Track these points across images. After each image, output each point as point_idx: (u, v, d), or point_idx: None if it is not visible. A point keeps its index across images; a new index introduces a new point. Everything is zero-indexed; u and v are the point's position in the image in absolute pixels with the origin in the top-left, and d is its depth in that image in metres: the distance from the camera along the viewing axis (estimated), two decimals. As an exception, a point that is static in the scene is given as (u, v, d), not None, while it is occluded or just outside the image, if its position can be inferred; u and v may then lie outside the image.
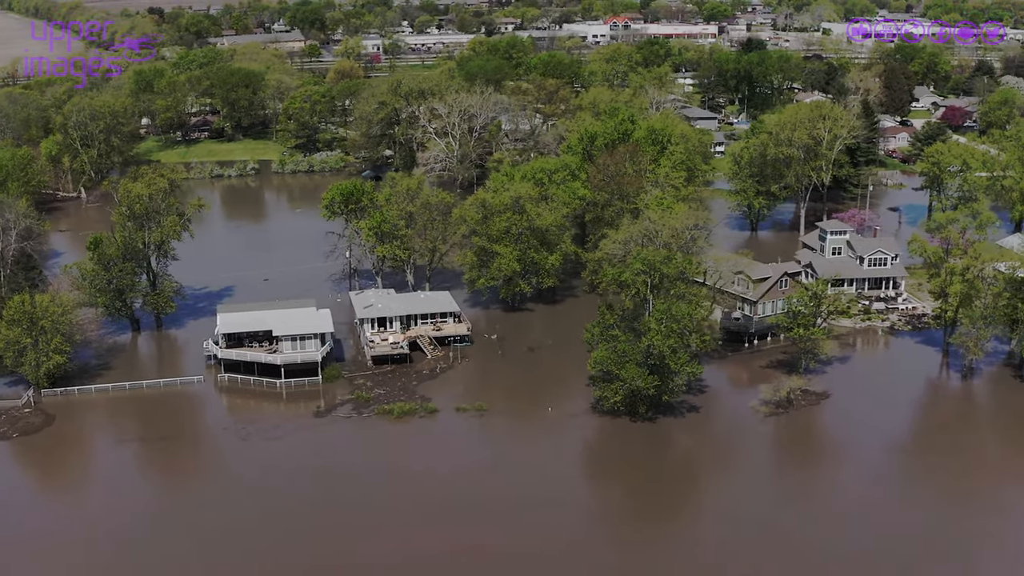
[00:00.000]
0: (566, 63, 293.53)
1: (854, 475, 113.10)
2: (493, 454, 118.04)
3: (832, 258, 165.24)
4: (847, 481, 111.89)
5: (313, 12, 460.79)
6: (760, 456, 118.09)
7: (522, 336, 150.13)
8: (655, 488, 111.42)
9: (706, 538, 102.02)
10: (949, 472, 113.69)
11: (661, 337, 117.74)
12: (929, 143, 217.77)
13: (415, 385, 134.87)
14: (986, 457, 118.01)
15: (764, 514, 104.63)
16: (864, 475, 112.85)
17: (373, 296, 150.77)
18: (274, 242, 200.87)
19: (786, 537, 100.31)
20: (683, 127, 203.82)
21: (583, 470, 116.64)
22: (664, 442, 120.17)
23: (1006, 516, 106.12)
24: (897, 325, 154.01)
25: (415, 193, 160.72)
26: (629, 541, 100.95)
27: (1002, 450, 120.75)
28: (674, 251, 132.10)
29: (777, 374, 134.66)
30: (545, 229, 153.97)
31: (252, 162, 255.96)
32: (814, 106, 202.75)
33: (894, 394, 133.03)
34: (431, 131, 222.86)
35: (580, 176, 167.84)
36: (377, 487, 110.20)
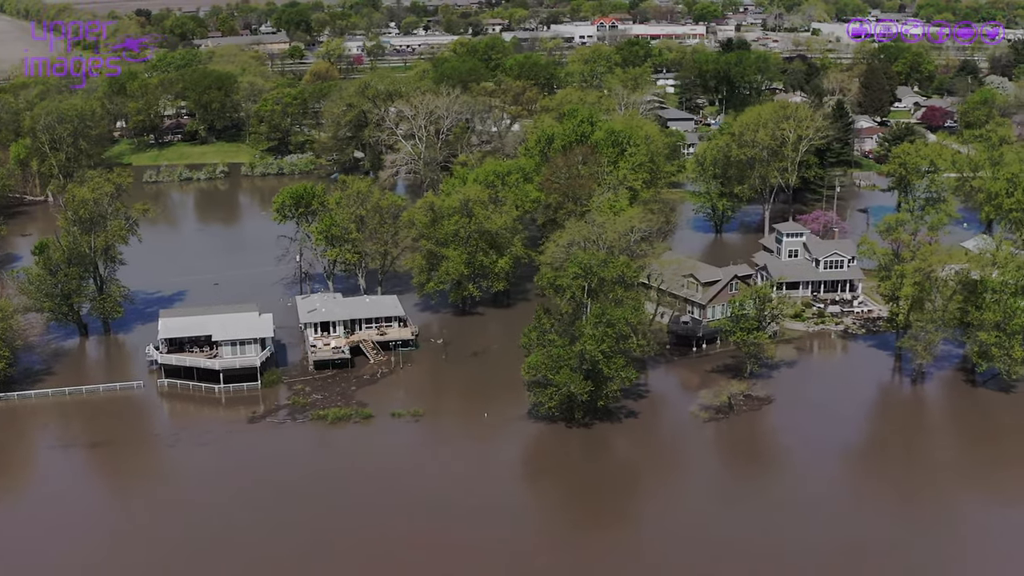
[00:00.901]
0: (541, 64, 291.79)
1: (788, 480, 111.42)
2: (423, 460, 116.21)
3: (788, 260, 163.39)
4: (780, 486, 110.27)
5: (298, 14, 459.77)
6: (695, 462, 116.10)
7: (470, 340, 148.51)
8: (585, 493, 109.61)
9: (638, 543, 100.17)
10: (884, 478, 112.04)
11: (594, 342, 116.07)
12: (897, 143, 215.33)
13: (354, 390, 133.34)
14: (925, 462, 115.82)
15: (697, 519, 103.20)
16: (798, 480, 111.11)
17: (318, 300, 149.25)
18: (233, 245, 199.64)
19: (719, 542, 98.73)
20: (649, 128, 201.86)
21: (513, 475, 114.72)
22: (599, 447, 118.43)
23: (942, 524, 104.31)
24: (851, 328, 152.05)
25: (365, 196, 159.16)
26: (558, 544, 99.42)
27: (943, 456, 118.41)
28: (615, 254, 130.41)
29: (722, 379, 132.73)
30: (495, 232, 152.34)
31: (222, 165, 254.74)
32: (777, 107, 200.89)
33: (839, 399, 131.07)
34: (397, 133, 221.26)
35: (534, 178, 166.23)
36: (300, 493, 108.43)
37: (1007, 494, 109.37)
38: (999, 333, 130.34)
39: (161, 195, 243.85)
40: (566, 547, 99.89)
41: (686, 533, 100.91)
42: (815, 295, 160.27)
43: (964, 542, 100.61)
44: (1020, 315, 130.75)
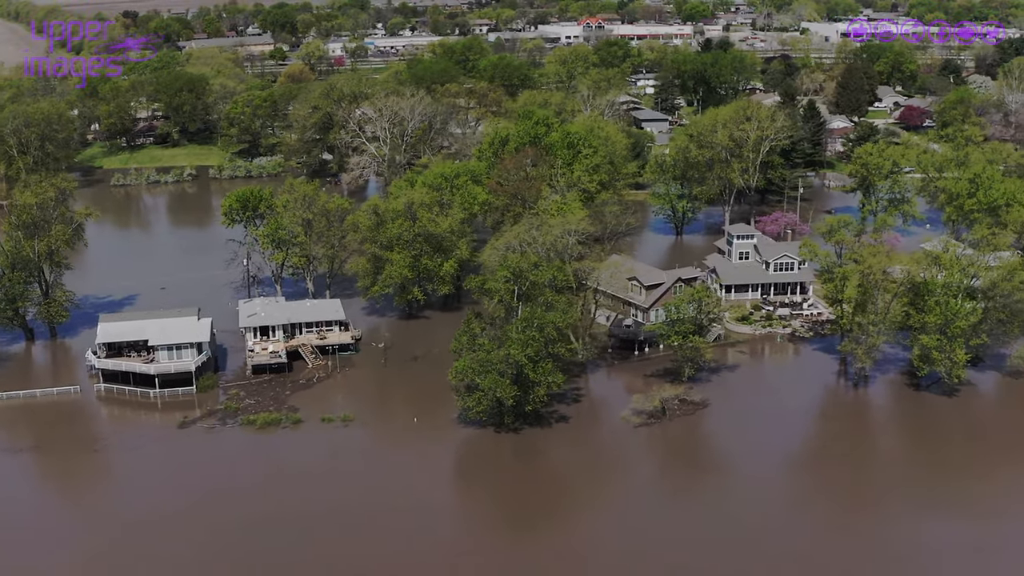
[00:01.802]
0: (515, 66, 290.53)
1: (713, 485, 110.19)
2: (346, 465, 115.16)
3: (739, 263, 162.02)
4: (707, 491, 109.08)
5: (284, 15, 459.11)
6: (621, 467, 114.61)
7: (412, 344, 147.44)
8: (507, 498, 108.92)
9: (560, 548, 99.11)
10: (814, 483, 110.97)
11: (519, 347, 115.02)
12: (861, 144, 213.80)
13: (288, 395, 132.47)
14: (860, 468, 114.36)
15: (618, 525, 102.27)
16: (724, 485, 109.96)
17: (259, 304, 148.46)
18: (189, 248, 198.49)
19: (640, 548, 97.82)
20: (610, 130, 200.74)
21: (434, 480, 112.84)
22: (525, 453, 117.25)
23: (878, 533, 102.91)
24: (799, 331, 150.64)
25: (312, 199, 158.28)
26: (477, 549, 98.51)
27: (878, 461, 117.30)
28: (551, 258, 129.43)
29: (660, 383, 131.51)
30: (440, 235, 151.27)
31: (190, 168, 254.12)
32: (736, 107, 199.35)
33: (776, 403, 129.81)
34: (362, 135, 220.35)
35: (484, 180, 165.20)
36: (218, 499, 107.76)
37: (947, 503, 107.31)
38: (940, 337, 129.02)
39: (128, 198, 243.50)
40: (486, 552, 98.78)
41: (608, 539, 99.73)
42: (765, 298, 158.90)
43: (897, 553, 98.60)
44: (962, 318, 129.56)
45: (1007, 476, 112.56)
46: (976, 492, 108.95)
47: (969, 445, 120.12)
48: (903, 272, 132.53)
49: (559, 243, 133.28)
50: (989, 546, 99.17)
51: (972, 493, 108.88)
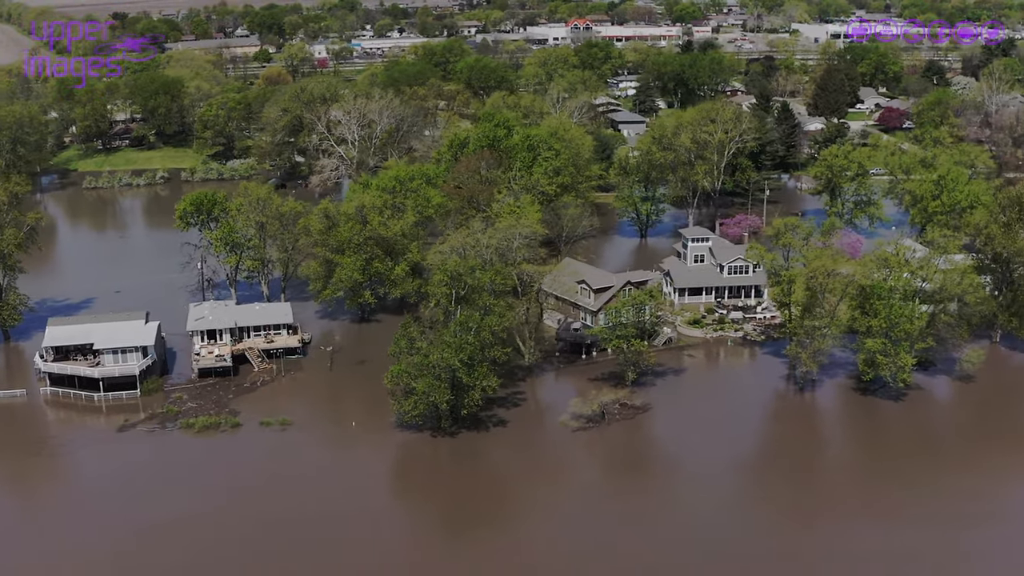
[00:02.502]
0: (492, 67, 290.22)
1: (647, 490, 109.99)
2: (281, 468, 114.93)
3: (693, 266, 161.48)
4: (640, 496, 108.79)
5: (270, 17, 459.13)
6: (555, 471, 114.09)
7: (361, 348, 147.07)
8: (438, 501, 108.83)
9: (488, 551, 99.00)
10: (752, 489, 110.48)
11: (452, 351, 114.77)
12: (828, 146, 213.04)
13: (231, 399, 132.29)
14: (800, 473, 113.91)
15: (549, 530, 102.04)
16: (656, 490, 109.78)
17: (208, 308, 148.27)
18: (150, 251, 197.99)
19: (569, 553, 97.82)
20: (576, 132, 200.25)
21: (362, 483, 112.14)
22: (459, 456, 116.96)
23: (815, 541, 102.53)
24: (751, 335, 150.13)
25: (266, 202, 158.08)
26: (415, 555, 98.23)
27: (818, 466, 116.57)
28: (493, 261, 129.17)
29: (605, 387, 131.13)
30: (391, 238, 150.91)
31: (162, 171, 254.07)
32: (700, 110, 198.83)
33: (719, 408, 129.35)
34: (330, 138, 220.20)
35: (439, 183, 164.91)
36: (150, 502, 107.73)
37: (883, 509, 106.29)
38: (885, 340, 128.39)
39: (99, 201, 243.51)
40: (422, 559, 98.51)
41: (542, 543, 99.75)
42: (719, 301, 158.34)
43: (829, 558, 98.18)
44: (907, 321, 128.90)
45: (944, 482, 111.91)
46: (910, 498, 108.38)
47: (909, 450, 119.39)
48: (848, 275, 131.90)
49: (503, 246, 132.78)
50: (920, 554, 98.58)
51: (906, 499, 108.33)
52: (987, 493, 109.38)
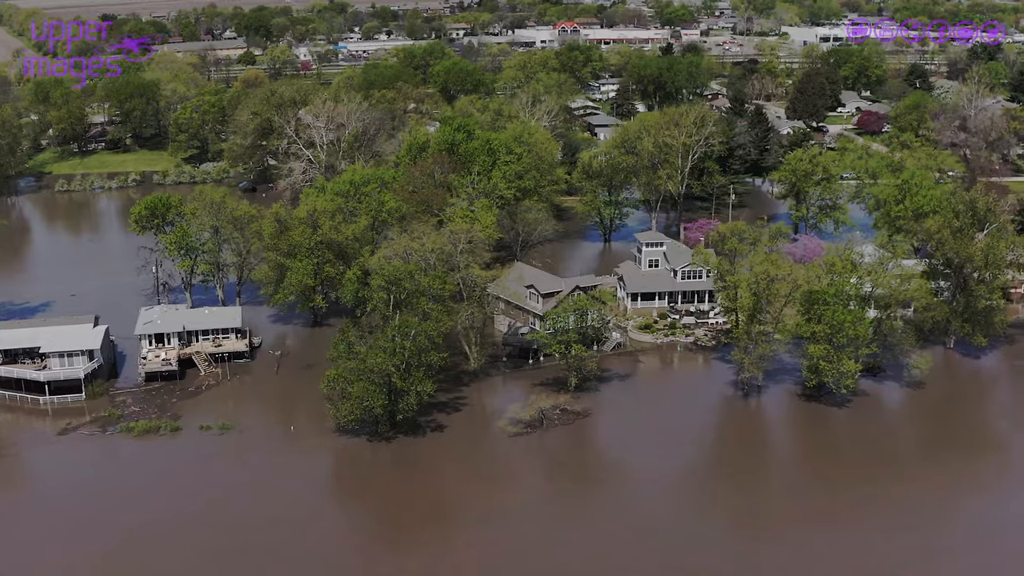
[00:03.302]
0: (469, 70, 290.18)
1: (578, 496, 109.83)
2: (216, 473, 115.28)
3: (648, 270, 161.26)
4: (570, 502, 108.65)
5: (257, 19, 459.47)
6: (489, 476, 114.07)
7: (310, 352, 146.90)
8: (368, 505, 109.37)
9: (429, 559, 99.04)
10: (686, 496, 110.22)
11: (386, 355, 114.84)
12: (793, 149, 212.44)
13: (174, 402, 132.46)
14: (735, 480, 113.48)
15: (470, 534, 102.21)
16: (587, 495, 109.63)
17: (157, 312, 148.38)
18: (111, 255, 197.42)
19: (508, 556, 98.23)
20: (541, 136, 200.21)
21: (301, 490, 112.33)
22: (394, 462, 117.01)
23: (729, 543, 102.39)
24: (701, 340, 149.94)
25: (220, 206, 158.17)
26: (338, 558, 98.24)
27: (756, 473, 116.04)
28: (433, 265, 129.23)
29: (548, 392, 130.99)
30: (342, 243, 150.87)
31: (135, 174, 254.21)
32: (662, 113, 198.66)
33: (660, 413, 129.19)
34: (298, 141, 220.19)
35: (394, 187, 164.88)
36: (89, 505, 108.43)
37: (815, 516, 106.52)
38: (828, 346, 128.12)
39: (70, 204, 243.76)
40: (346, 560, 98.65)
41: (472, 549, 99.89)
42: (672, 306, 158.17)
43: (757, 566, 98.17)
44: (850, 327, 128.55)
45: (878, 488, 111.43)
46: (846, 505, 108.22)
47: (848, 457, 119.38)
48: (791, 280, 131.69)
49: (447, 250, 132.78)
50: (857, 559, 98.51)
51: (842, 506, 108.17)
52: (922, 501, 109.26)
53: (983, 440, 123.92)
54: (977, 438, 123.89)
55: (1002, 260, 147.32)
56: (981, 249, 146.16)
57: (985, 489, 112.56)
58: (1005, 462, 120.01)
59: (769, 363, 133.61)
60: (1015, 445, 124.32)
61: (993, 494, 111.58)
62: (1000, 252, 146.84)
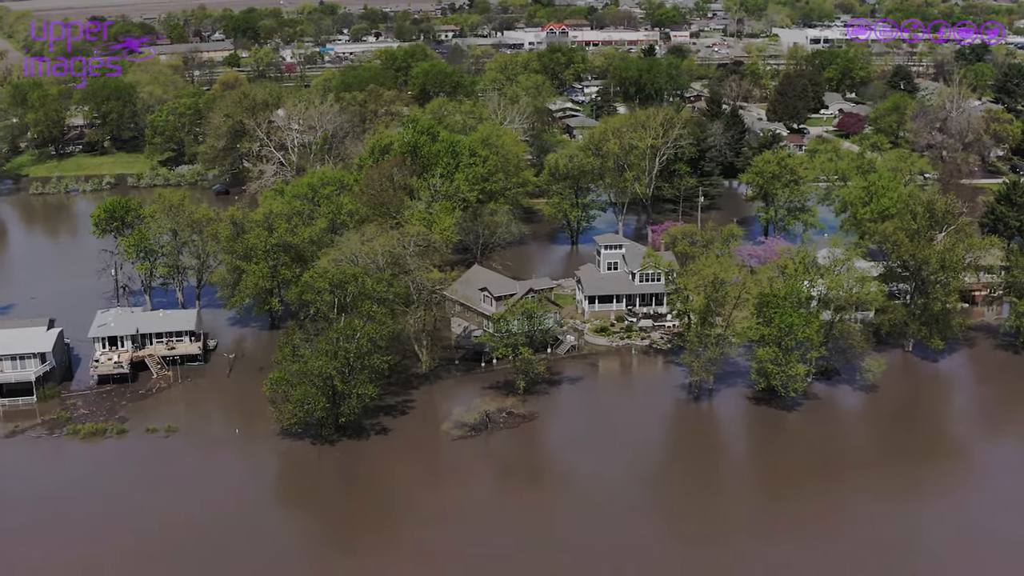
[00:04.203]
0: (447, 72, 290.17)
1: (520, 499, 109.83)
2: (158, 474, 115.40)
3: (606, 273, 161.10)
4: (506, 505, 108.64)
5: (244, 21, 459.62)
6: (431, 479, 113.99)
7: (265, 355, 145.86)
8: (311, 509, 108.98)
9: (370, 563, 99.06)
10: (628, 502, 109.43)
11: (327, 358, 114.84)
12: (761, 152, 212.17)
13: (124, 405, 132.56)
14: (681, 487, 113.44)
15: (416, 537, 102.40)
16: (529, 499, 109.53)
17: (112, 315, 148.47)
18: (77, 257, 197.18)
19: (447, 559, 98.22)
20: (509, 137, 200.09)
21: (239, 491, 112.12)
22: (336, 465, 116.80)
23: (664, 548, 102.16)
24: (657, 343, 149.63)
25: (178, 209, 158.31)
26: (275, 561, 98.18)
27: (689, 477, 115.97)
28: (381, 268, 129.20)
29: (497, 395, 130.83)
30: (298, 245, 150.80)
31: (109, 176, 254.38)
32: (628, 115, 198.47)
33: (607, 417, 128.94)
34: (268, 144, 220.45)
35: (353, 189, 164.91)
36: (25, 507, 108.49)
37: (769, 523, 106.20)
38: (776, 349, 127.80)
39: (45, 207, 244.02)
40: (285, 562, 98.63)
41: (411, 552, 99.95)
42: (630, 309, 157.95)
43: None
44: (799, 330, 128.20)
45: (821, 496, 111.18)
46: (785, 511, 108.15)
47: (794, 462, 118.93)
48: (739, 283, 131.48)
49: (397, 253, 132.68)
50: (792, 564, 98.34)
51: (780, 512, 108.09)
52: (862, 509, 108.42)
53: (933, 445, 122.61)
54: (926, 443, 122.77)
55: (959, 263, 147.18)
56: (937, 252, 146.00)
57: (931, 496, 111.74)
58: (953, 468, 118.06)
59: (719, 366, 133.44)
60: (965, 450, 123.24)
61: (940, 501, 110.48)
62: (957, 254, 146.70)
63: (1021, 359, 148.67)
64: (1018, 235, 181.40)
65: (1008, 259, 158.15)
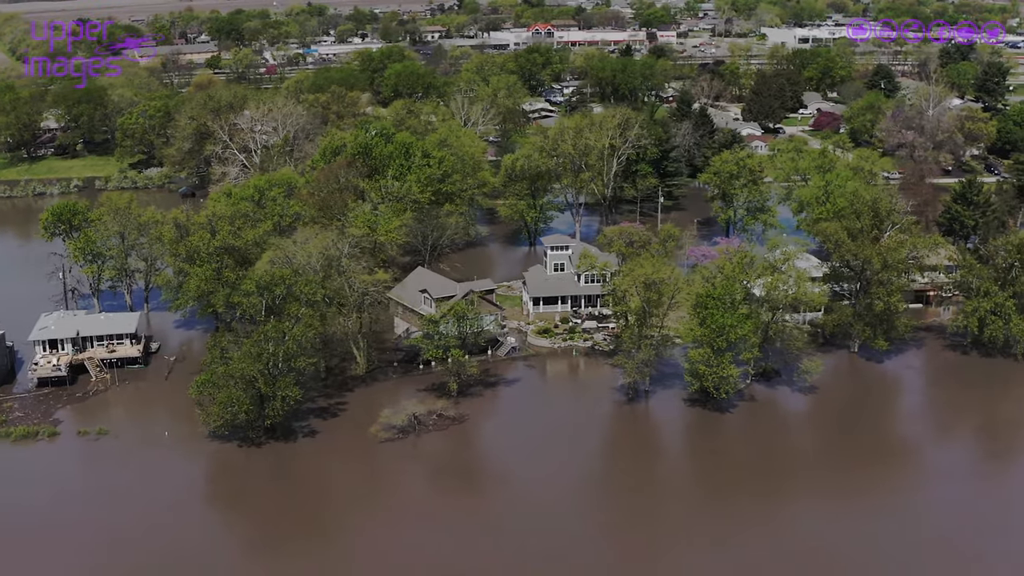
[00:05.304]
0: (419, 74, 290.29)
1: (440, 500, 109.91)
2: (86, 476, 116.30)
3: (552, 275, 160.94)
4: (432, 505, 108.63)
5: (228, 22, 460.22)
6: (351, 481, 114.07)
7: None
8: (239, 512, 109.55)
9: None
10: (544, 501, 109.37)
11: (251, 360, 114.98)
12: (721, 152, 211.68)
13: (60, 408, 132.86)
14: (609, 489, 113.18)
15: (340, 540, 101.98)
16: (451, 503, 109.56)
17: (54, 318, 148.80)
18: (29, 260, 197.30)
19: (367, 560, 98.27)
20: (467, 139, 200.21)
21: (163, 492, 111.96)
22: (262, 467, 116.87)
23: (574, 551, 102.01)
24: (600, 345, 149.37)
25: (125, 212, 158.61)
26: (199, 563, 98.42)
27: (627, 479, 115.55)
28: (315, 270, 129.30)
29: (431, 396, 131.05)
30: (241, 248, 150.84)
31: (78, 180, 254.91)
32: (583, 116, 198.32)
33: (538, 419, 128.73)
34: (231, 146, 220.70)
35: (302, 192, 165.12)
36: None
37: (665, 528, 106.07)
38: (708, 350, 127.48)
39: (11, 210, 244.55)
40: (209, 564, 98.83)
41: (335, 555, 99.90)
42: (575, 310, 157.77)
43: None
44: (730, 331, 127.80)
45: (743, 500, 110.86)
46: (715, 514, 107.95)
47: (721, 464, 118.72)
48: (671, 283, 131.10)
49: (330, 255, 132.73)
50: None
51: (711, 515, 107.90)
52: (789, 508, 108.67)
53: (868, 447, 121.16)
54: (862, 445, 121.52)
55: (902, 262, 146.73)
56: (879, 251, 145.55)
57: (857, 501, 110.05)
58: (888, 471, 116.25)
59: (654, 368, 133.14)
60: (902, 452, 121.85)
61: (868, 508, 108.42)
62: (899, 254, 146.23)
63: (969, 360, 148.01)
64: (974, 234, 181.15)
65: (956, 258, 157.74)
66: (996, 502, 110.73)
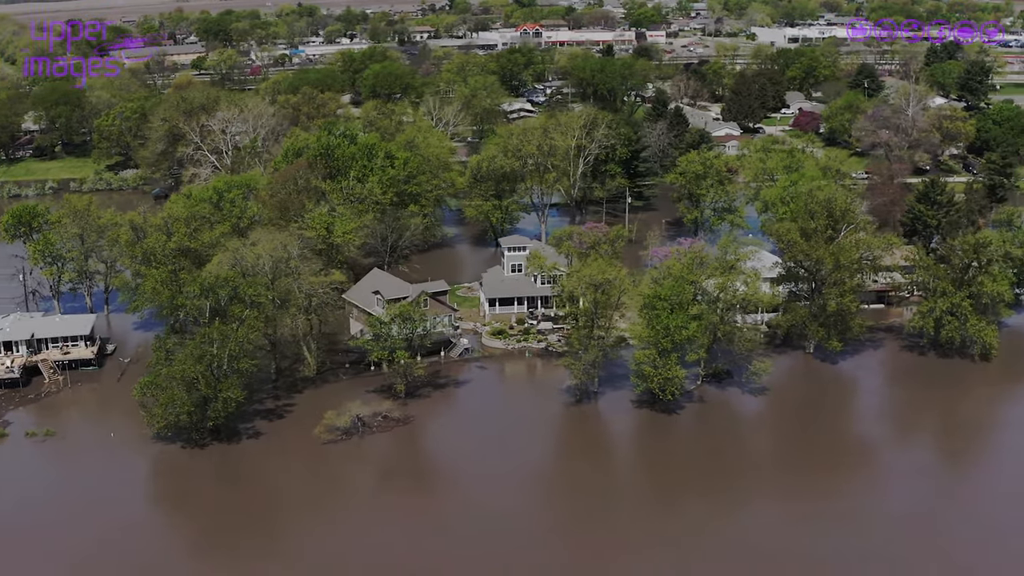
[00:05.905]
0: (398, 74, 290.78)
1: (381, 504, 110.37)
2: (31, 478, 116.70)
3: (509, 276, 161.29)
4: (373, 505, 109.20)
5: (218, 23, 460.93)
6: (294, 482, 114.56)
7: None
8: (184, 515, 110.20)
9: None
10: (485, 504, 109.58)
11: (191, 362, 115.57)
12: (688, 152, 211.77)
13: (11, 409, 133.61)
14: (557, 491, 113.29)
15: (282, 542, 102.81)
16: (392, 503, 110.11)
17: (9, 320, 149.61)
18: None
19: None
20: (435, 140, 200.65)
21: (108, 492, 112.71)
22: (205, 468, 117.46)
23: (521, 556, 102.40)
24: (554, 346, 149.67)
25: (84, 214, 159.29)
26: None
27: (556, 482, 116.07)
28: (263, 271, 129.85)
29: (379, 397, 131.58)
30: (197, 250, 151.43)
31: (53, 181, 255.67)
32: (547, 117, 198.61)
33: (485, 420, 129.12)
34: (202, 147, 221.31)
35: (261, 193, 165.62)
36: None
37: (610, 531, 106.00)
38: (653, 352, 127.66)
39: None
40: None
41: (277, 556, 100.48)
42: (531, 311, 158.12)
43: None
44: (675, 332, 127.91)
45: (679, 503, 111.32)
46: (661, 514, 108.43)
47: (667, 463, 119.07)
48: (617, 284, 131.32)
49: (277, 255, 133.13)
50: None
51: (658, 515, 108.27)
52: (723, 511, 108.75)
53: (819, 448, 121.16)
54: (811, 446, 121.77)
55: (854, 262, 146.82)
56: (831, 251, 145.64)
57: (807, 501, 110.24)
58: (833, 474, 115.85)
59: (601, 369, 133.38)
60: (855, 453, 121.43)
61: (819, 508, 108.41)
62: (851, 254, 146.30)
63: (926, 360, 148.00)
64: (937, 234, 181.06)
65: (912, 258, 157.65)
66: (950, 501, 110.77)
